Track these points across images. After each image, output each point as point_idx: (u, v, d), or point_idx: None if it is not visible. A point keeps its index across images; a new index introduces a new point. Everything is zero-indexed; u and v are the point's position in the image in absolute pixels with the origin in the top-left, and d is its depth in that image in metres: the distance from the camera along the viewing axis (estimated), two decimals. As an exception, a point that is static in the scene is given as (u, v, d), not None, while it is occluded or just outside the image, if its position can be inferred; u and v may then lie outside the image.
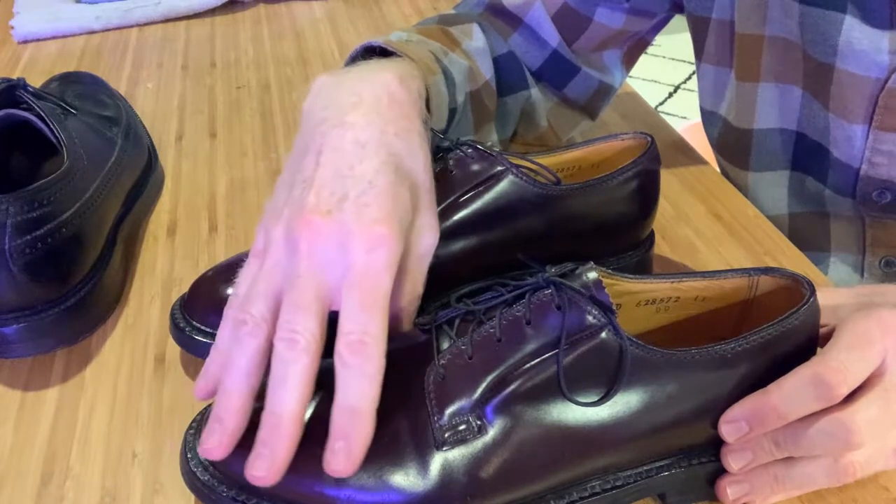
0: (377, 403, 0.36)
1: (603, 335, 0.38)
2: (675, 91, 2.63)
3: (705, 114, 0.70)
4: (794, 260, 0.60)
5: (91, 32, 1.01)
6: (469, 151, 0.50)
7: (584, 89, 0.71)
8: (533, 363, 0.38)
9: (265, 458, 0.35)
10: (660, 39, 0.80)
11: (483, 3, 0.70)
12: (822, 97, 0.58)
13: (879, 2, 0.53)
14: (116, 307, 0.57)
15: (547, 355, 0.38)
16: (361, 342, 0.36)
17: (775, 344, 0.40)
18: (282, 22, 1.03)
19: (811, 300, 0.40)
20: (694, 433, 0.41)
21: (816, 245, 0.66)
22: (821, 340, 0.41)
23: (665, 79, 2.68)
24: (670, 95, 2.60)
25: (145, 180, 0.66)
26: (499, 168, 0.49)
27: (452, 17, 0.68)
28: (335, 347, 0.36)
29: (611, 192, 0.51)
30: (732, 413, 0.40)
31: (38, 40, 1.00)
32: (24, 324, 0.49)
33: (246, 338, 0.38)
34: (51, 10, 1.02)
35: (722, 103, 0.67)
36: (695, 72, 0.93)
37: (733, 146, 0.67)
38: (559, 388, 0.38)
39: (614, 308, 0.38)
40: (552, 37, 0.68)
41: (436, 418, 0.38)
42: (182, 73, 0.90)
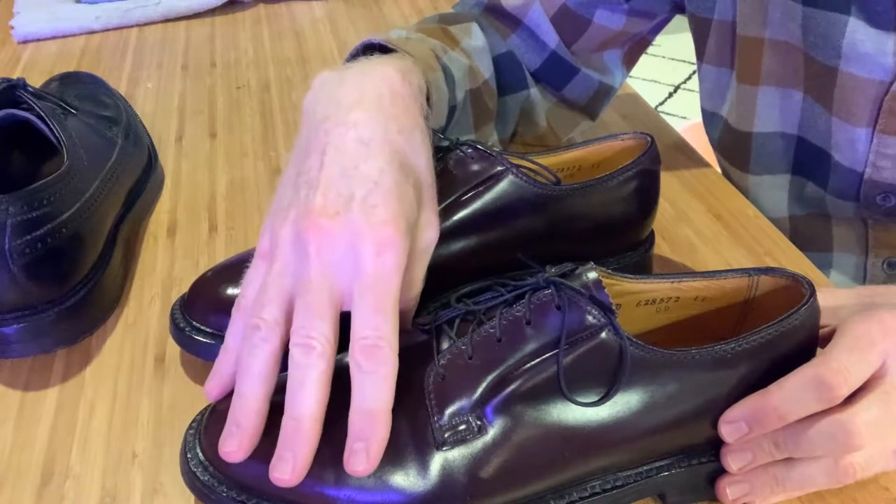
0: (392, 403, 0.37)
1: (603, 335, 0.38)
2: (675, 91, 2.63)
3: (706, 114, 0.69)
4: (795, 260, 0.60)
5: (91, 32, 1.01)
6: (469, 151, 0.50)
7: (584, 90, 0.71)
8: (533, 363, 0.38)
9: (288, 462, 0.36)
10: (660, 39, 0.80)
11: (481, 4, 0.70)
12: (825, 101, 0.58)
13: (884, 3, 0.52)
14: (116, 307, 0.57)
15: (547, 355, 0.38)
16: (377, 346, 0.37)
17: (775, 344, 0.40)
18: (282, 22, 1.03)
19: (811, 300, 0.40)
20: (694, 433, 0.41)
21: (818, 246, 0.66)
22: (821, 341, 0.41)
23: (665, 79, 2.67)
24: (670, 95, 2.60)
25: (145, 180, 0.66)
26: (499, 168, 0.49)
27: (452, 16, 0.68)
28: (350, 352, 0.37)
29: (611, 193, 0.51)
30: (732, 413, 0.40)
31: (38, 40, 0.99)
32: (24, 324, 0.49)
33: (260, 342, 0.38)
34: (51, 10, 1.02)
35: (723, 104, 0.67)
36: (695, 72, 0.93)
37: (733, 148, 0.67)
38: (559, 388, 0.38)
39: (614, 308, 0.38)
40: (551, 38, 0.68)
41: (436, 418, 0.38)
42: (182, 73, 0.90)
